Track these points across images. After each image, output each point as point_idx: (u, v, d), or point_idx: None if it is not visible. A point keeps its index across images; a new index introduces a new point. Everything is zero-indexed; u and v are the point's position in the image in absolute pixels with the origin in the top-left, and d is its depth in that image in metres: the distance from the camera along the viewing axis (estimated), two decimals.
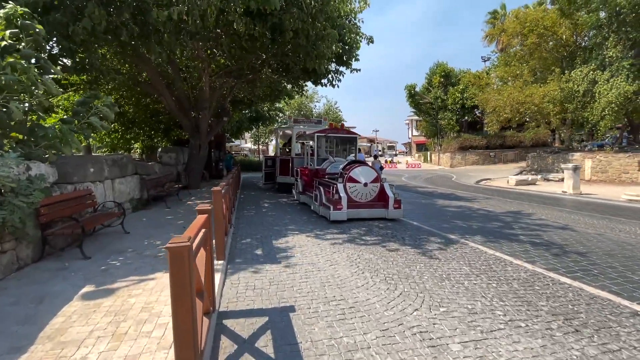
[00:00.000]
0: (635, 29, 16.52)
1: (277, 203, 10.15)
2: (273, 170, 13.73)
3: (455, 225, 7.03)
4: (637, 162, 16.54)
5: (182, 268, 1.80)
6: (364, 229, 6.56)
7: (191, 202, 9.84)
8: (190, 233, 2.08)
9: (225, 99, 13.87)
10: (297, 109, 44.94)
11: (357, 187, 7.24)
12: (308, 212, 8.38)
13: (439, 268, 4.35)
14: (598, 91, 17.37)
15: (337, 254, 4.91)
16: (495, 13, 31.27)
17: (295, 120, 12.51)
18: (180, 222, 6.92)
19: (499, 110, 21.91)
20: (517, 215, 8.16)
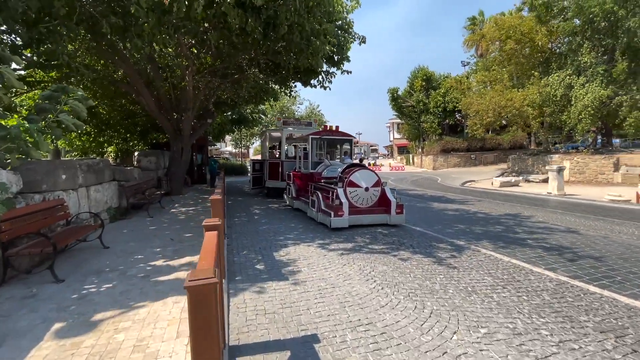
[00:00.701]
0: (607, 36, 17.29)
1: (268, 209, 9.60)
2: (261, 175, 13.14)
3: (459, 229, 6.80)
4: (612, 164, 17.27)
5: (208, 313, 1.32)
6: (368, 236, 6.18)
7: (175, 209, 9.12)
8: (208, 261, 1.60)
9: (209, 99, 13.17)
10: (279, 112, 44.38)
11: (357, 191, 6.87)
12: (304, 219, 7.91)
13: (460, 279, 4.03)
14: (574, 95, 18.03)
15: (347, 267, 4.49)
16: (474, 19, 32.14)
17: (284, 122, 12.01)
18: (166, 233, 6.26)
19: (482, 113, 22.36)
20: (517, 218, 8.07)
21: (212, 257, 1.65)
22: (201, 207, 9.57)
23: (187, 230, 6.48)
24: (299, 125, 12.18)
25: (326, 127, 8.81)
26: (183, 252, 4.98)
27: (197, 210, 9.00)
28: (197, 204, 10.09)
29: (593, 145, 19.66)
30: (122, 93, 12.05)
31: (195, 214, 8.32)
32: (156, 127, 17.31)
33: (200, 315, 1.31)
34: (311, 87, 12.01)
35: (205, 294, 1.30)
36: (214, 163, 15.69)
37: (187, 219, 7.68)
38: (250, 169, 12.68)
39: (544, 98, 19.34)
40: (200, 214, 8.39)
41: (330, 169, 7.99)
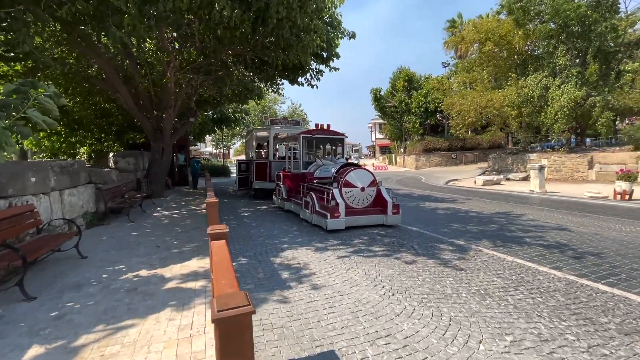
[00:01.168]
0: (581, 40, 18.04)
1: (257, 211, 9.22)
2: (247, 176, 12.70)
3: (456, 229, 6.72)
4: (587, 162, 18.01)
5: (242, 347, 1.03)
6: (366, 238, 5.98)
7: (157, 213, 8.57)
8: (229, 280, 1.30)
9: (191, 97, 12.59)
10: (261, 112, 43.77)
11: (353, 192, 6.65)
12: (297, 221, 7.62)
13: (470, 282, 3.88)
14: (551, 96, 18.69)
15: (352, 272, 4.25)
16: (454, 21, 32.88)
17: (272, 121, 11.64)
18: (151, 239, 5.78)
19: (464, 114, 22.80)
20: (509, 217, 8.12)
21: (232, 275, 1.36)
22: (185, 210, 9.06)
23: (173, 236, 6.03)
24: (287, 124, 11.86)
25: (317, 125, 8.55)
26: (171, 260, 4.57)
27: (181, 214, 8.50)
28: (181, 207, 9.56)
29: (568, 144, 20.46)
30: (96, 90, 11.29)
31: (180, 218, 7.84)
32: (133, 126, 16.46)
33: (232, 351, 1.02)
34: (298, 85, 11.71)
35: (240, 326, 1.01)
36: (196, 164, 15.06)
37: (172, 224, 7.19)
38: (236, 170, 12.22)
39: (522, 99, 19.94)
40: (185, 218, 7.91)
41: (323, 169, 7.74)
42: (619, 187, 11.55)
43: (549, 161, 19.69)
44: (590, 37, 17.58)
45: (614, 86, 18.11)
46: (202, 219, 7.70)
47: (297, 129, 11.73)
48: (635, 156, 16.17)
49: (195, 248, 5.16)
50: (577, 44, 18.16)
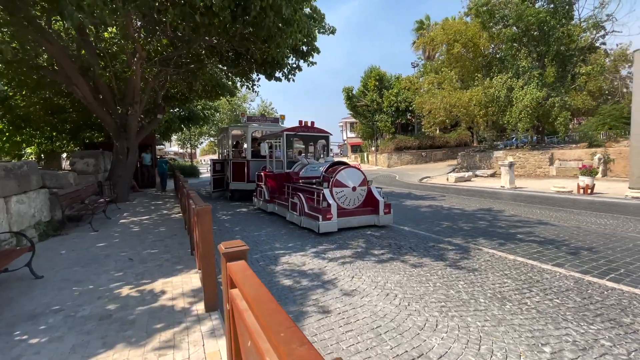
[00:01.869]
0: (541, 44, 19.13)
1: (237, 214, 8.61)
2: (223, 176, 11.95)
3: (447, 227, 6.63)
4: (548, 159, 19.17)
5: None
6: (361, 240, 5.68)
7: (125, 220, 7.69)
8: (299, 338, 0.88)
9: (158, 92, 11.61)
10: (230, 109, 42.36)
11: (344, 192, 6.33)
12: (283, 224, 7.16)
13: (483, 285, 3.70)
14: (515, 97, 19.66)
15: (357, 279, 3.91)
16: (422, 23, 33.75)
17: (249, 119, 11.01)
18: (122, 251, 5.05)
19: (434, 112, 23.40)
20: (492, 213, 8.23)
21: (290, 322, 0.94)
22: (157, 215, 8.24)
23: (147, 246, 5.34)
24: (265, 122, 11.29)
25: (301, 122, 8.12)
26: (150, 276, 3.96)
27: (153, 219, 7.69)
28: (151, 212, 8.70)
29: (530, 142, 21.69)
30: (47, 82, 10.01)
31: (152, 225, 7.06)
32: (91, 124, 15.01)
33: None
34: (275, 80, 11.20)
35: None
36: (164, 164, 13.98)
37: (144, 231, 6.43)
38: (210, 170, 11.44)
39: (489, 99, 20.82)
40: (158, 224, 7.15)
41: (310, 168, 7.34)
42: (582, 181, 12.28)
43: (514, 158, 20.72)
44: (549, 42, 18.70)
45: (570, 88, 19.44)
46: (177, 224, 7.00)
47: (275, 127, 11.21)
48: (590, 152, 17.41)
49: (175, 260, 4.55)
50: (537, 47, 19.23)
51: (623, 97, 22.63)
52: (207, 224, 2.85)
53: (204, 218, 2.86)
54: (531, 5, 18.91)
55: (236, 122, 42.05)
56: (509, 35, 19.48)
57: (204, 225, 2.85)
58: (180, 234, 6.14)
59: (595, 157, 17.12)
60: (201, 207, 2.88)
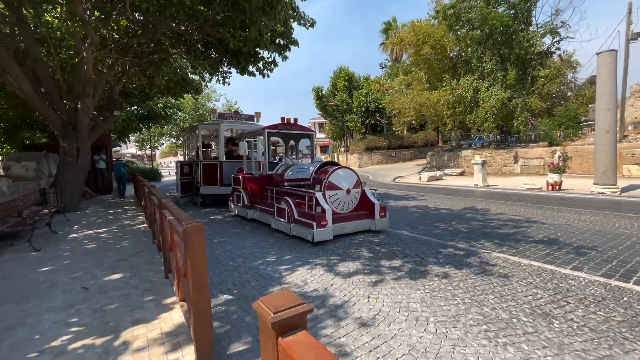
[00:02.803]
0: (504, 47, 19.98)
1: (212, 222, 7.67)
2: (192, 179, 10.83)
3: (445, 229, 6.30)
4: (513, 157, 20.06)
5: None
6: (363, 248, 5.12)
7: (76, 234, 6.47)
8: None
9: (114, 86, 10.25)
10: (193, 108, 40.21)
11: (338, 195, 5.74)
12: (268, 232, 6.40)
13: (515, 298, 3.29)
14: (481, 97, 20.37)
15: (374, 300, 3.33)
16: (389, 24, 34.24)
17: (221, 116, 10.02)
18: (73, 276, 4.03)
19: (404, 112, 23.65)
20: (479, 212, 8.09)
21: None
22: (117, 227, 7.08)
23: (108, 268, 4.35)
24: (239, 120, 10.38)
25: (283, 119, 7.41)
26: (114, 313, 3.08)
27: (112, 232, 6.56)
28: (109, 223, 7.49)
29: (495, 142, 22.63)
30: None
31: (112, 239, 5.97)
32: (31, 123, 13.06)
33: None
34: (249, 75, 10.35)
35: None
36: (122, 167, 12.47)
37: (102, 248, 5.36)
38: (178, 173, 10.29)
39: (456, 99, 21.41)
40: (119, 238, 6.07)
41: (297, 169, 6.65)
42: (550, 178, 12.80)
43: (481, 157, 21.44)
44: (512, 45, 19.57)
45: (530, 90, 20.53)
46: (143, 237, 5.98)
47: (250, 125, 10.35)
48: (550, 151, 18.43)
49: (146, 286, 3.67)
50: (501, 50, 20.06)
51: (567, 100, 24.33)
52: (199, 248, 2.11)
53: (195, 241, 2.12)
54: (494, 10, 19.68)
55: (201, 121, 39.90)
56: (475, 37, 20.12)
57: (196, 250, 2.10)
58: (148, 249, 5.18)
59: (556, 155, 18.09)
60: (190, 226, 2.13)
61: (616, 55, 11.12)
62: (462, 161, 22.70)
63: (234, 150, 10.38)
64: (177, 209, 3.00)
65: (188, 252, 2.09)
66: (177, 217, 2.54)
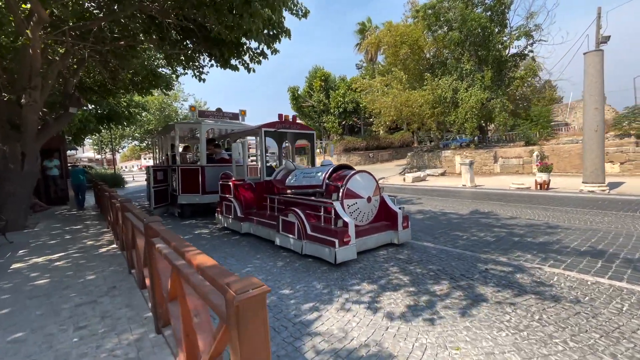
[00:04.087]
0: (482, 48, 20.24)
1: (199, 239, 6.47)
2: (167, 187, 9.44)
3: (469, 239, 5.65)
4: (492, 157, 20.36)
5: None
6: (395, 268, 4.28)
7: (22, 263, 5.04)
8: None
9: (69, 79, 8.68)
10: (158, 109, 37.64)
11: (358, 204, 4.88)
12: (271, 251, 5.38)
13: (624, 334, 2.61)
14: (461, 98, 20.50)
15: (456, 352, 2.50)
16: (364, 25, 34.04)
17: (202, 114, 8.75)
18: (16, 342, 2.80)
19: (385, 112, 23.34)
20: (490, 216, 7.60)
21: None
22: (76, 249, 5.70)
23: (68, 321, 3.14)
24: (222, 118, 9.18)
25: (281, 116, 6.41)
26: None
27: (71, 258, 5.20)
28: (67, 245, 6.06)
29: (474, 142, 22.89)
30: None
31: (73, 269, 4.65)
32: None
33: None
34: (231, 69, 9.20)
35: None
36: (81, 175, 10.72)
37: (58, 285, 4.08)
38: (151, 180, 8.89)
39: (436, 99, 21.42)
40: (80, 267, 4.76)
41: (301, 175, 5.69)
42: (539, 178, 12.82)
43: (461, 157, 21.64)
44: (489, 47, 19.86)
45: (506, 91, 20.98)
46: (114, 263, 4.73)
47: (235, 125, 9.20)
48: (528, 150, 18.87)
49: (129, 350, 2.57)
50: (479, 51, 20.30)
51: (529, 102, 24.75)
52: (260, 332, 1.15)
53: (255, 321, 1.14)
54: (473, 11, 19.87)
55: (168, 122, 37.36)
56: (454, 38, 20.20)
57: (253, 337, 1.13)
58: (124, 282, 3.99)
59: (534, 154, 18.60)
60: (246, 297, 1.14)
61: (603, 54, 11.29)
62: (443, 161, 22.78)
63: (215, 153, 9.17)
64: (194, 251, 1.97)
65: (242, 345, 1.12)
66: (208, 272, 1.53)
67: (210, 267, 1.48)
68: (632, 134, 16.40)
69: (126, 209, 3.93)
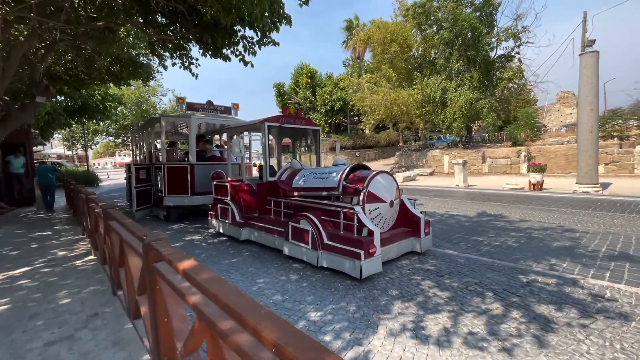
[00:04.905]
0: (471, 48, 20.27)
1: (192, 246, 5.72)
2: (150, 187, 8.53)
3: (491, 245, 5.26)
4: (481, 157, 20.48)
5: None
6: (428, 282, 3.78)
7: None
8: None
9: (36, 65, 7.63)
10: (135, 104, 35.68)
11: (380, 209, 4.34)
12: (279, 261, 4.74)
13: None
14: (450, 97, 20.47)
15: None
16: (351, 22, 33.63)
17: (191, 107, 7.91)
18: None
19: (374, 109, 23.02)
20: (499, 219, 7.29)
21: None
22: (45, 262, 4.82)
23: None
24: (213, 112, 8.38)
25: (285, 109, 5.76)
26: None
27: (38, 274, 4.34)
28: (32, 256, 5.15)
29: (461, 141, 22.99)
30: None
31: (42, 290, 3.82)
32: None
33: None
34: (223, 59, 8.40)
35: None
36: (50, 173, 9.57)
37: (22, 313, 3.27)
38: (133, 180, 7.96)
39: (425, 99, 21.32)
40: (51, 287, 3.95)
41: (311, 175, 5.08)
42: (533, 178, 12.80)
43: (450, 156, 21.69)
44: (478, 47, 19.91)
45: (494, 91, 21.15)
46: (93, 280, 3.95)
47: (228, 119, 8.44)
48: (516, 151, 19.09)
49: None
50: (468, 51, 20.31)
51: (510, 103, 24.83)
52: None
53: None
54: (464, 12, 19.84)
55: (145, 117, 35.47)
56: (444, 38, 20.11)
57: None
58: (107, 306, 3.25)
59: (521, 154, 18.84)
60: None
61: (598, 56, 11.34)
62: (431, 161, 22.75)
63: (206, 150, 8.38)
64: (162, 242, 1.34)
65: None
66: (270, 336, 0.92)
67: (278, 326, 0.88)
68: (615, 136, 16.86)
69: (111, 217, 3.19)
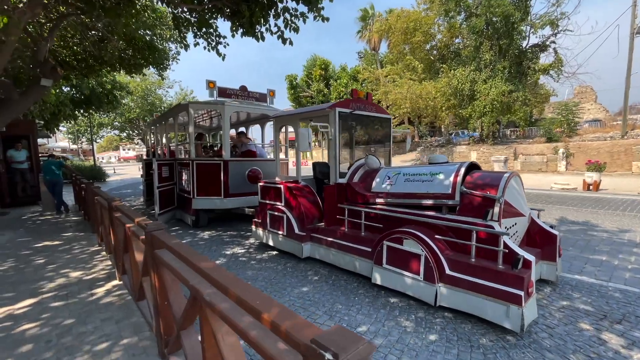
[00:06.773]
0: (504, 37, 18.84)
1: (236, 263, 4.56)
2: (173, 187, 7.38)
3: (621, 267, 4.06)
4: (512, 153, 19.17)
5: None
6: (609, 335, 2.60)
7: None
8: None
9: (41, 43, 6.45)
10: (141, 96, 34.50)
11: (517, 225, 3.16)
12: (365, 290, 3.57)
13: None
14: (479, 90, 19.10)
15: None
16: (366, 12, 32.14)
17: (223, 93, 6.68)
18: None
19: (399, 103, 21.74)
20: (593, 229, 6.08)
21: None
22: (55, 289, 3.69)
23: None
24: (248, 99, 7.17)
25: (356, 91, 4.55)
26: None
27: (49, 312, 3.21)
28: (39, 279, 4.03)
29: (492, 136, 21.54)
30: None
31: (54, 337, 2.70)
32: None
33: None
34: (257, 39, 7.14)
35: None
36: (55, 168, 8.43)
37: None
38: (155, 178, 6.78)
39: (452, 91, 19.97)
40: (67, 333, 2.81)
41: (400, 176, 3.89)
42: (589, 177, 11.55)
43: (477, 153, 20.39)
44: (512, 35, 18.49)
45: (527, 83, 19.74)
46: (124, 325, 2.81)
47: (263, 107, 7.23)
48: (552, 147, 17.76)
49: None
50: (500, 40, 18.89)
51: None
52: None
53: None
54: None
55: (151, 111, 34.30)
56: (476, 25, 18.69)
57: None
58: None
59: (559, 151, 17.51)
60: None
61: None
62: (457, 157, 21.45)
63: (240, 144, 7.20)
64: None
65: None
66: None
67: None
68: None
69: (159, 244, 2.02)
